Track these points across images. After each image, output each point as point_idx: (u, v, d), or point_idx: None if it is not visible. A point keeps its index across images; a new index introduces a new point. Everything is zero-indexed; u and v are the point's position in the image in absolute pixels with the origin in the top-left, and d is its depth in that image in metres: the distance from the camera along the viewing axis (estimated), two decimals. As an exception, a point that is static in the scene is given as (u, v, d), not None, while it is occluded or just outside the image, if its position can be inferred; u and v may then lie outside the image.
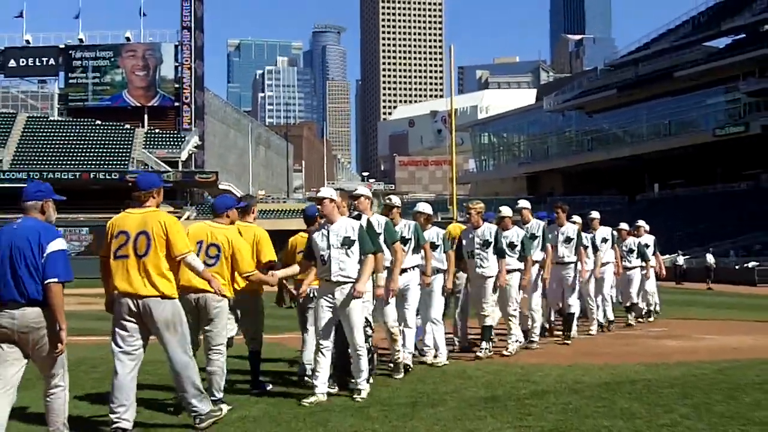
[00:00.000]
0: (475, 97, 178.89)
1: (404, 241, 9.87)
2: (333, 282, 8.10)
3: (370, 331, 8.63)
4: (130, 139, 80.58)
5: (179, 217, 67.77)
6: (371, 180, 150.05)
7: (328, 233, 8.15)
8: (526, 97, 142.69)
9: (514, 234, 11.97)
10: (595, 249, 14.46)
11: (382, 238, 9.32)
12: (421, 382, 9.25)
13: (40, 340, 5.96)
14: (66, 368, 6.20)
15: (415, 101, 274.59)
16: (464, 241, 11.48)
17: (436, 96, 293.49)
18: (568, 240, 13.48)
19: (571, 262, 13.49)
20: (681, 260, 46.06)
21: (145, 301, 6.59)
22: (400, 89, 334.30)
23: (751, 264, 45.80)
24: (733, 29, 78.72)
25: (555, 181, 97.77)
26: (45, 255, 5.91)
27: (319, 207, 8.23)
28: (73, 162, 75.65)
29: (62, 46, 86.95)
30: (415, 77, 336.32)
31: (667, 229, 62.04)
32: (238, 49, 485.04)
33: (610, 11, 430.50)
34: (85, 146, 79.15)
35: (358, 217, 9.01)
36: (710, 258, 42.04)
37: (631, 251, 16.32)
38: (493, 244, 11.29)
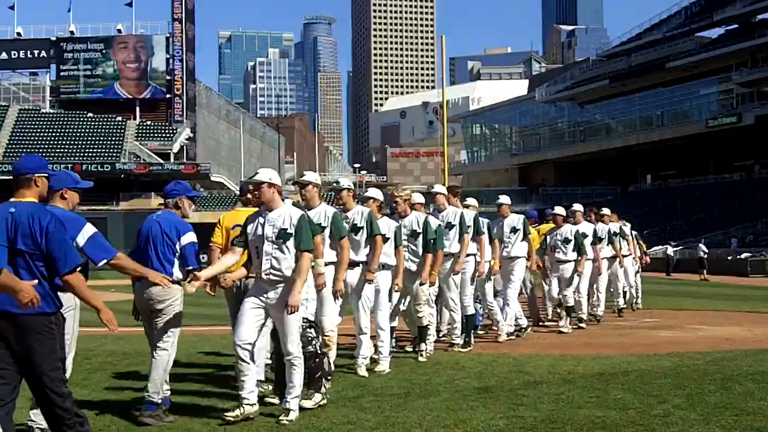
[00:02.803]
0: (466, 88, 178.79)
1: (356, 229, 8.97)
2: (265, 280, 6.89)
3: (313, 333, 7.45)
4: (122, 131, 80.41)
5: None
6: (363, 171, 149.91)
7: (264, 223, 6.90)
8: (518, 87, 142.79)
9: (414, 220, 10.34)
10: (491, 239, 11.92)
11: (365, 233, 8.92)
12: (414, 372, 9.27)
13: (159, 312, 6.98)
14: (176, 339, 7.18)
15: (407, 92, 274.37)
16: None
17: (427, 87, 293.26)
18: (449, 226, 11.05)
19: (451, 254, 10.95)
20: (671, 251, 46.05)
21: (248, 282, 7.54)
22: (392, 80, 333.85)
23: (743, 255, 45.82)
24: (725, 19, 78.63)
25: (547, 172, 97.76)
26: (180, 246, 7.07)
27: (256, 192, 7.08)
28: (65, 154, 75.45)
29: (53, 38, 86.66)
30: (407, 68, 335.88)
31: (660, 220, 62.32)
32: (230, 41, 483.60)
33: (601, 1, 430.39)
34: (77, 138, 78.98)
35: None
36: (703, 248, 41.96)
37: (566, 241, 13.67)
38: (422, 235, 10.14)
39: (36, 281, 5.07)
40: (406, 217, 10.24)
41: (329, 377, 7.61)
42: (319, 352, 7.41)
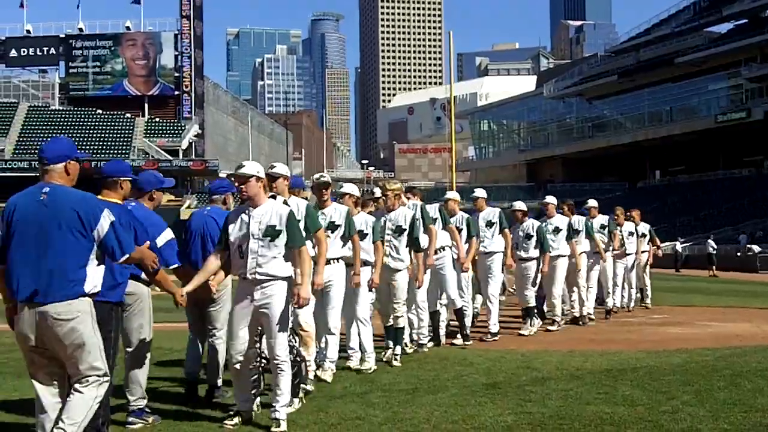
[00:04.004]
0: (474, 84, 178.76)
1: (333, 227, 8.59)
2: (250, 280, 6.49)
3: (294, 341, 7.21)
4: (131, 128, 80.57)
5: (180, 206, 68.11)
6: (371, 168, 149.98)
7: (249, 220, 6.49)
8: (526, 83, 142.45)
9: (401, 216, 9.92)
10: (470, 235, 11.55)
11: (341, 231, 8.65)
12: (422, 368, 9.28)
13: (211, 299, 7.34)
14: (225, 327, 7.37)
15: (415, 89, 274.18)
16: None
17: (435, 83, 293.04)
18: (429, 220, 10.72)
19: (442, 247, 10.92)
20: (680, 247, 45.94)
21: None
22: (400, 77, 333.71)
23: (755, 247, 45.64)
24: (734, 15, 78.36)
25: (555, 168, 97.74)
26: None
27: (242, 187, 6.53)
28: (73, 151, 75.57)
29: (62, 35, 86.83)
30: (415, 64, 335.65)
31: (669, 216, 62.18)
32: (237, 38, 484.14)
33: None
34: (87, 135, 79.08)
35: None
36: (712, 244, 41.78)
37: (528, 237, 12.56)
38: (408, 233, 9.73)
39: (148, 243, 6.01)
40: (393, 211, 9.84)
41: (306, 383, 7.44)
42: (299, 359, 7.21)
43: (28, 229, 5.00)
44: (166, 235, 6.66)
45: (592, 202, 15.31)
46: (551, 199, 13.87)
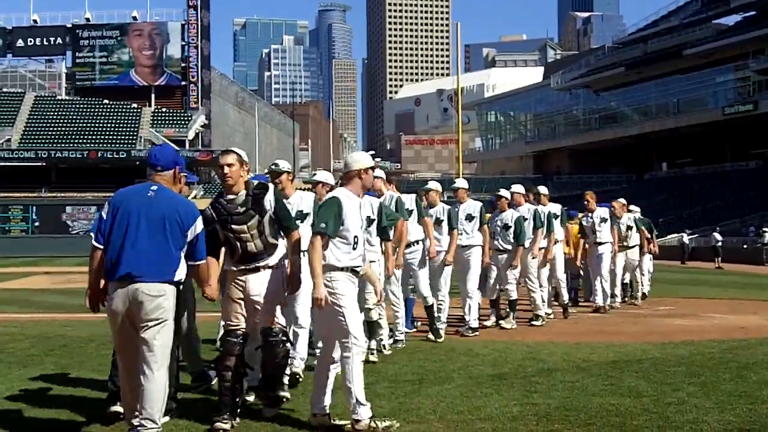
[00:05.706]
0: (481, 76, 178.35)
1: (302, 216, 7.99)
2: (357, 272, 6.37)
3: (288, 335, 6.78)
4: (138, 118, 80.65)
5: (187, 196, 68.08)
6: (377, 159, 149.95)
7: (359, 209, 6.46)
8: (533, 75, 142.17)
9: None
10: (451, 227, 11.29)
11: (312, 218, 7.95)
12: (428, 359, 9.29)
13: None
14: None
15: (422, 80, 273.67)
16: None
17: (442, 74, 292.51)
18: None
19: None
20: (687, 239, 45.89)
21: None
22: (407, 68, 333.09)
23: (766, 238, 45.61)
24: (742, 6, 77.90)
25: (562, 159, 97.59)
26: None
27: (276, 181, 6.49)
28: (80, 141, 75.70)
29: (69, 25, 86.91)
30: (422, 55, 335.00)
31: (675, 208, 62.09)
32: (244, 28, 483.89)
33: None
34: (93, 125, 79.20)
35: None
36: (718, 237, 41.74)
37: (506, 228, 12.24)
38: (376, 222, 8.70)
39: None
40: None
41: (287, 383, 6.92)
42: (289, 354, 6.83)
43: (133, 219, 5.63)
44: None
45: (542, 189, 14.59)
46: (518, 188, 13.14)
